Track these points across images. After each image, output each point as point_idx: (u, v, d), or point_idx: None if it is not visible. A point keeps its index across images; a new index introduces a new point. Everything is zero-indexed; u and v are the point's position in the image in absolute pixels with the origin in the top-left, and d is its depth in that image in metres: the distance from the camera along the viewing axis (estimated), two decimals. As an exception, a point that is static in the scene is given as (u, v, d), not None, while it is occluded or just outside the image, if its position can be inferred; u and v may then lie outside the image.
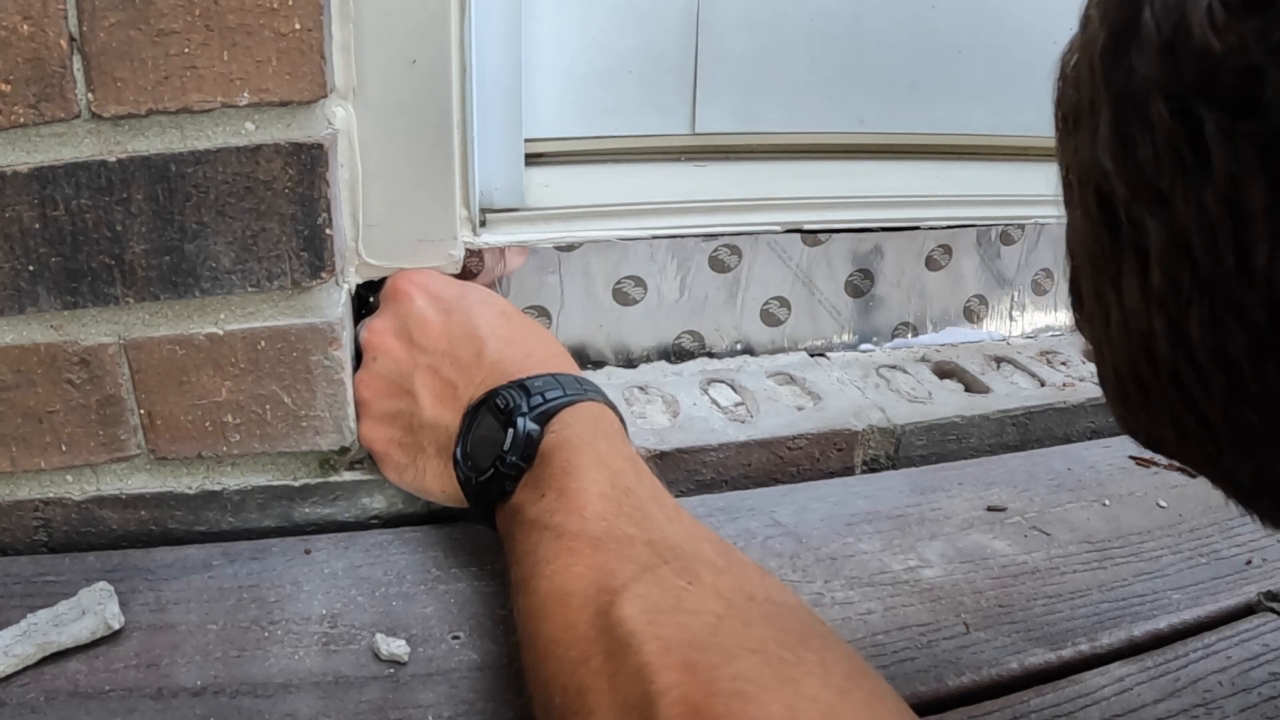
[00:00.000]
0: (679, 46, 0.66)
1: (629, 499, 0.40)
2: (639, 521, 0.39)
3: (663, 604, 0.34)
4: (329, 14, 0.46)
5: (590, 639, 0.34)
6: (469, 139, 0.52)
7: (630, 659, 0.32)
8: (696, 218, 0.61)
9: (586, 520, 0.39)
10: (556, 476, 0.42)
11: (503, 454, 0.44)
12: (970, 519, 0.55)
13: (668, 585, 0.35)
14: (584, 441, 0.43)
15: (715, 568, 0.37)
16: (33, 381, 0.47)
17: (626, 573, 0.36)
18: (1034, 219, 0.69)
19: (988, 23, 0.71)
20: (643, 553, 0.37)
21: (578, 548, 0.38)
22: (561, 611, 0.36)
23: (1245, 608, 0.49)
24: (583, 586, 0.36)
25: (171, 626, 0.44)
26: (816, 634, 0.34)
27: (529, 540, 0.40)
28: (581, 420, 0.44)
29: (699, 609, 0.34)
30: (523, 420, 0.44)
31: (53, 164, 0.43)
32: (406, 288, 0.51)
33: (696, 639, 0.32)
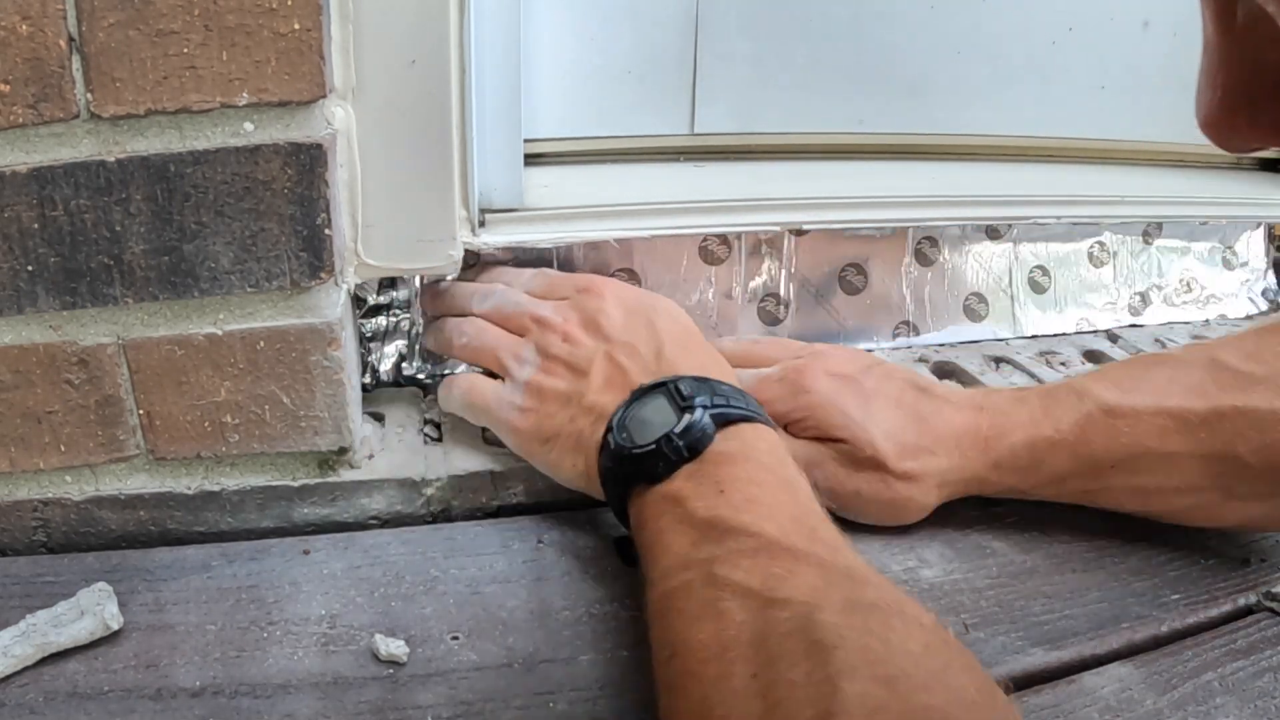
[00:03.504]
0: (678, 47, 0.66)
1: (822, 526, 0.40)
2: (835, 548, 0.39)
3: (869, 624, 0.34)
4: (328, 14, 0.46)
5: (789, 636, 0.33)
6: (468, 139, 0.52)
7: (831, 661, 0.31)
8: (696, 218, 0.61)
9: (785, 532, 0.38)
10: (743, 483, 0.41)
11: (670, 434, 0.43)
12: (969, 518, 0.55)
13: (875, 608, 0.35)
14: (770, 460, 0.43)
15: (915, 605, 0.36)
16: (31, 382, 0.47)
17: (831, 587, 0.36)
18: (1033, 219, 0.69)
19: (987, 23, 0.71)
20: (844, 576, 0.37)
21: (777, 553, 0.37)
22: (757, 605, 0.35)
23: (1244, 608, 0.49)
24: (784, 590, 0.35)
25: (170, 627, 0.44)
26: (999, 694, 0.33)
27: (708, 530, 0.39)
28: (765, 437, 0.44)
29: (905, 635, 0.33)
30: (701, 412, 0.43)
31: (51, 164, 0.43)
32: (597, 285, 0.53)
33: (899, 661, 0.32)
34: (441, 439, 0.57)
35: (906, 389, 0.53)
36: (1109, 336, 0.77)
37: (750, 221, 0.63)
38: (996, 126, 0.75)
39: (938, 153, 0.75)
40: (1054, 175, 0.76)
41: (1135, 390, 0.50)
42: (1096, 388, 0.51)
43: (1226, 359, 0.50)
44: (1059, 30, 0.74)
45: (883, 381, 0.53)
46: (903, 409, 0.52)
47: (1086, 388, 0.51)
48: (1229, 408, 0.48)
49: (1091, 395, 0.51)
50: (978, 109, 0.74)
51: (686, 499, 0.41)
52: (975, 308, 0.75)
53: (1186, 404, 0.49)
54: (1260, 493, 0.49)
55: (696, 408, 0.44)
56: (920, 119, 0.73)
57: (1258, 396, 0.48)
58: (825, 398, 0.51)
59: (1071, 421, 0.50)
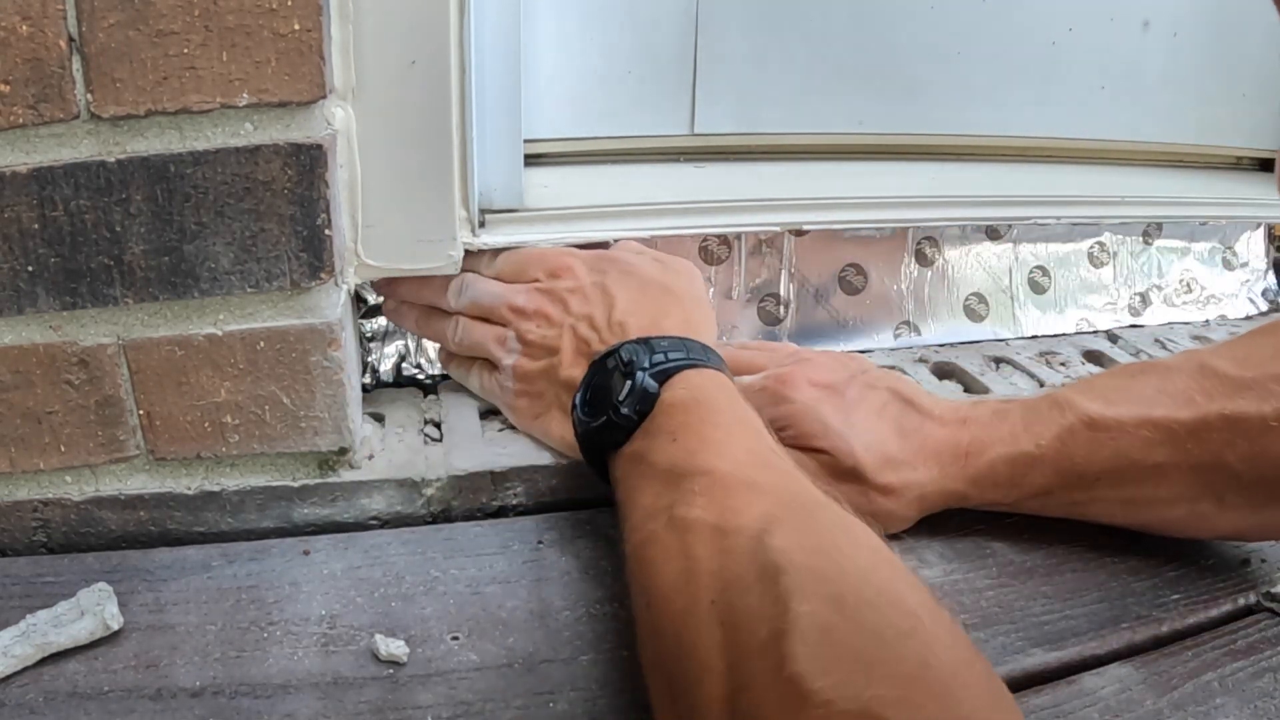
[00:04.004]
0: (678, 47, 0.66)
1: (773, 456, 0.42)
2: (787, 475, 0.41)
3: (820, 544, 0.35)
4: (328, 14, 0.46)
5: (742, 562, 0.35)
6: (468, 139, 0.52)
7: (780, 582, 0.33)
8: (696, 218, 0.61)
9: (738, 465, 0.40)
10: (695, 426, 0.43)
11: (616, 404, 0.46)
12: (969, 519, 0.55)
13: (823, 528, 0.37)
14: (723, 400, 0.45)
15: (861, 526, 0.38)
16: (32, 382, 0.47)
17: (781, 511, 0.37)
18: (1033, 219, 0.69)
19: (987, 23, 0.71)
20: (795, 499, 0.39)
21: (731, 486, 0.39)
22: (713, 537, 0.37)
23: (1244, 608, 0.49)
24: (737, 520, 0.37)
25: (170, 627, 0.44)
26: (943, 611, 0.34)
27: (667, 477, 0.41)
28: (712, 381, 0.46)
29: (852, 556, 0.35)
30: (642, 374, 0.46)
31: (52, 164, 0.43)
32: (564, 265, 0.56)
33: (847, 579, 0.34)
34: (441, 439, 0.57)
35: (890, 401, 0.53)
36: (1109, 337, 0.77)
37: (750, 222, 0.63)
38: (996, 126, 0.75)
39: (938, 153, 0.75)
40: (1054, 175, 0.76)
41: (1120, 401, 0.49)
42: (1079, 399, 0.50)
43: (1216, 364, 0.49)
44: (1059, 30, 0.74)
45: (865, 392, 0.53)
46: (885, 421, 0.52)
47: (1069, 400, 0.50)
48: (1216, 416, 0.47)
49: (1074, 408, 0.50)
50: (978, 109, 0.74)
51: (646, 453, 0.44)
52: (975, 308, 0.75)
53: (1172, 414, 0.48)
54: (1253, 502, 0.47)
55: (636, 372, 0.46)
56: (920, 119, 0.73)
57: (1246, 402, 0.46)
58: (806, 407, 0.51)
59: (1052, 435, 0.50)
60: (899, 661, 0.30)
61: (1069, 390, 0.52)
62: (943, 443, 0.51)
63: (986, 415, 0.52)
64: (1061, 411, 0.50)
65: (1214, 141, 0.82)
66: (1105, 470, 0.49)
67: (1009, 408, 0.52)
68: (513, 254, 0.57)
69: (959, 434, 0.51)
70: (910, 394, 0.53)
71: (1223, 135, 0.82)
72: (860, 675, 0.30)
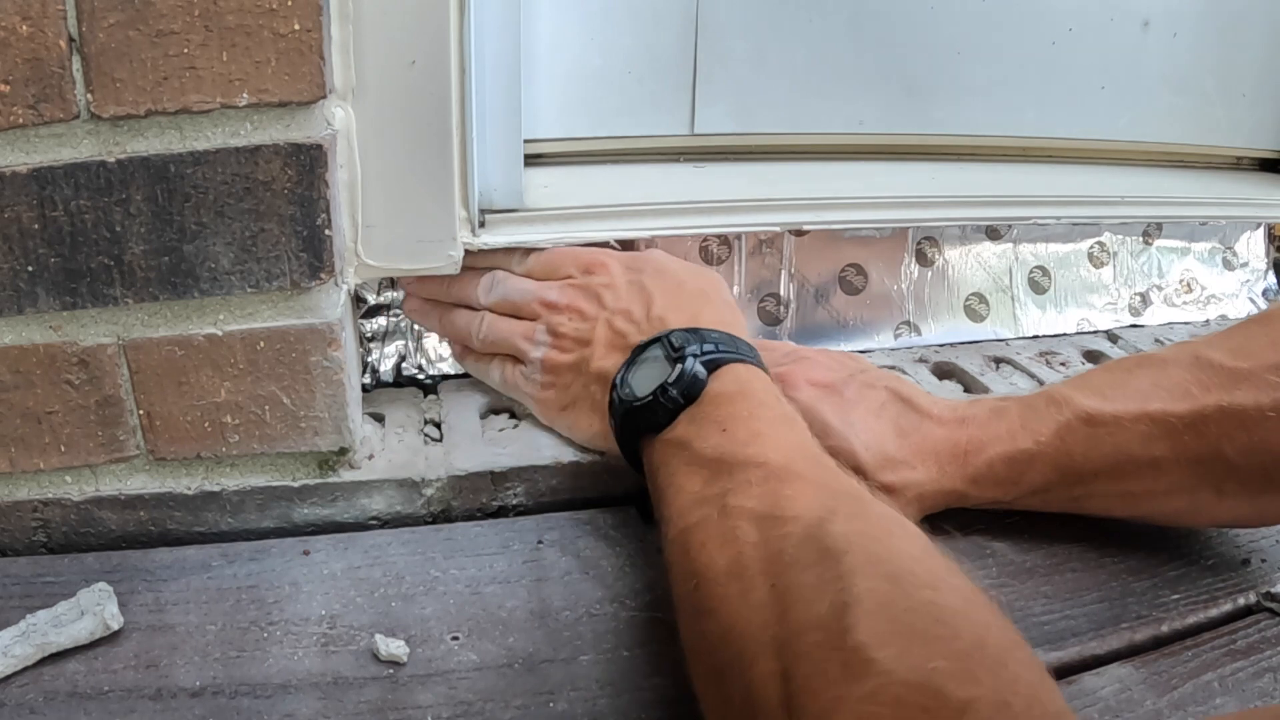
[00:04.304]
0: (678, 47, 0.66)
1: (823, 458, 0.42)
2: (834, 472, 0.41)
3: (873, 531, 0.36)
4: (328, 14, 0.46)
5: (801, 545, 0.36)
6: (468, 140, 0.52)
7: (840, 563, 0.34)
8: (696, 218, 0.61)
9: (791, 459, 0.41)
10: (744, 419, 0.43)
11: (665, 385, 0.45)
12: (969, 519, 0.55)
13: (878, 519, 0.37)
14: (770, 397, 0.45)
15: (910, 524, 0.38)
16: (32, 382, 0.47)
17: (836, 502, 0.38)
18: (1033, 219, 0.69)
19: (987, 23, 0.71)
20: (849, 492, 0.39)
21: (785, 477, 0.40)
22: (772, 524, 0.37)
23: (1244, 608, 0.49)
24: (793, 508, 0.38)
25: (170, 627, 0.44)
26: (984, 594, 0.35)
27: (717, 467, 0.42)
28: (758, 378, 0.46)
29: (905, 545, 0.36)
30: (692, 360, 0.46)
31: (52, 164, 0.43)
32: (599, 262, 0.56)
33: (902, 562, 0.34)
34: (441, 439, 0.57)
35: (889, 400, 0.53)
36: (1109, 337, 0.77)
37: (750, 222, 0.63)
38: (996, 126, 0.75)
39: (938, 153, 0.75)
40: (1054, 175, 0.76)
41: (1116, 396, 0.50)
42: (1076, 396, 0.51)
43: (1211, 356, 0.49)
44: (1059, 30, 0.74)
45: (864, 391, 0.53)
46: (883, 420, 0.52)
47: (1066, 397, 0.51)
48: (1213, 408, 0.47)
49: (1071, 404, 0.50)
50: (978, 109, 0.74)
51: (691, 441, 0.44)
52: (976, 308, 0.75)
53: (1169, 407, 0.48)
54: (1250, 491, 0.48)
55: (687, 356, 0.46)
56: (920, 119, 0.73)
57: (1242, 394, 0.47)
58: (805, 407, 0.51)
59: (1050, 432, 0.50)
60: (955, 638, 0.31)
61: (1065, 387, 0.52)
62: (941, 442, 0.51)
63: (984, 414, 0.52)
64: (1059, 408, 0.50)
65: (1214, 141, 0.82)
66: (1103, 465, 0.49)
67: (1006, 405, 0.52)
68: (545, 252, 0.57)
69: (957, 433, 0.52)
70: (908, 393, 0.54)
71: (1223, 135, 0.82)
72: (920, 648, 0.30)
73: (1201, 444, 0.47)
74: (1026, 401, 0.52)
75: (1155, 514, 0.52)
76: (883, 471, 0.50)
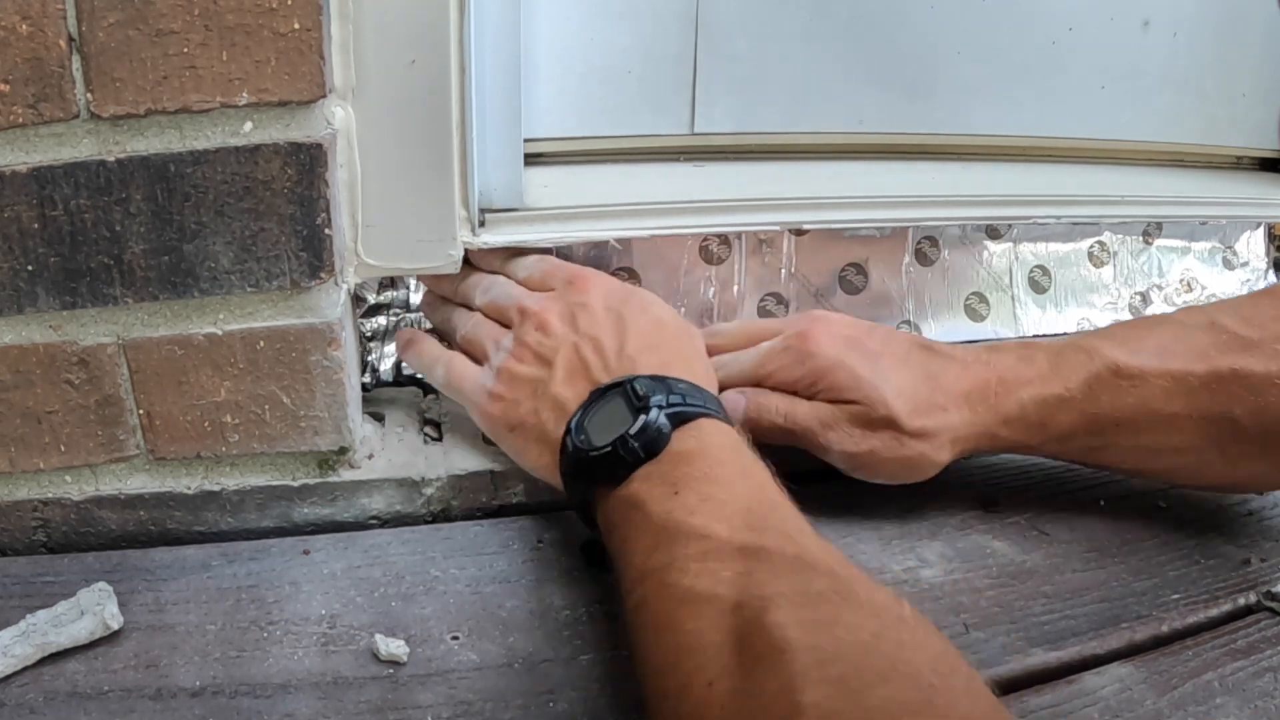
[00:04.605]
0: (678, 46, 0.66)
1: (775, 513, 0.40)
2: (788, 536, 0.38)
3: (818, 617, 0.34)
4: (328, 14, 0.46)
5: (739, 643, 0.34)
6: (468, 139, 0.52)
7: (782, 667, 0.32)
8: (696, 218, 0.61)
9: (735, 529, 0.38)
10: (697, 481, 0.41)
11: (626, 436, 0.43)
12: (969, 519, 0.55)
13: (823, 598, 0.35)
14: (727, 453, 0.43)
15: (866, 586, 0.36)
16: (31, 382, 0.47)
17: (780, 583, 0.35)
18: (1033, 218, 0.69)
19: (988, 23, 0.71)
20: (794, 566, 0.37)
21: (726, 552, 0.37)
22: (709, 611, 0.35)
23: (1244, 608, 0.49)
24: (732, 591, 0.36)
25: (170, 627, 0.44)
26: (960, 664, 0.33)
27: (662, 534, 0.39)
28: (721, 432, 0.44)
29: (854, 625, 0.33)
30: (657, 412, 0.43)
31: (51, 164, 0.43)
32: (584, 279, 0.53)
33: (850, 655, 0.32)
34: (441, 439, 0.57)
35: (912, 348, 0.53)
36: (1109, 336, 0.77)
37: (750, 221, 0.63)
38: (996, 126, 0.75)
39: (938, 153, 0.75)
40: (1054, 175, 0.76)
41: (1142, 351, 0.51)
42: (1105, 347, 0.51)
43: (1225, 322, 0.51)
44: (1059, 30, 0.74)
45: (888, 341, 0.53)
46: (910, 367, 0.52)
47: (1095, 347, 0.52)
48: (1227, 370, 0.49)
49: (1100, 355, 0.51)
50: (978, 109, 0.74)
51: (645, 501, 0.41)
52: (976, 307, 0.75)
53: (1188, 366, 0.50)
54: (1252, 454, 0.50)
55: (652, 408, 0.44)
56: (920, 119, 0.73)
57: (1253, 360, 0.49)
58: (833, 360, 0.51)
59: (1080, 380, 0.51)
60: None
61: (1091, 338, 0.53)
62: (971, 383, 0.52)
63: (1010, 359, 0.53)
64: (1089, 357, 0.51)
65: (1214, 141, 0.82)
66: (1125, 417, 0.50)
67: (1033, 353, 0.53)
68: (542, 262, 0.56)
69: (985, 374, 0.52)
70: (928, 341, 0.54)
71: (1223, 135, 0.82)
72: None
73: (1214, 404, 0.49)
74: (1054, 349, 0.53)
75: (1163, 470, 0.53)
76: (916, 417, 0.50)
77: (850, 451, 0.51)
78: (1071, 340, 0.53)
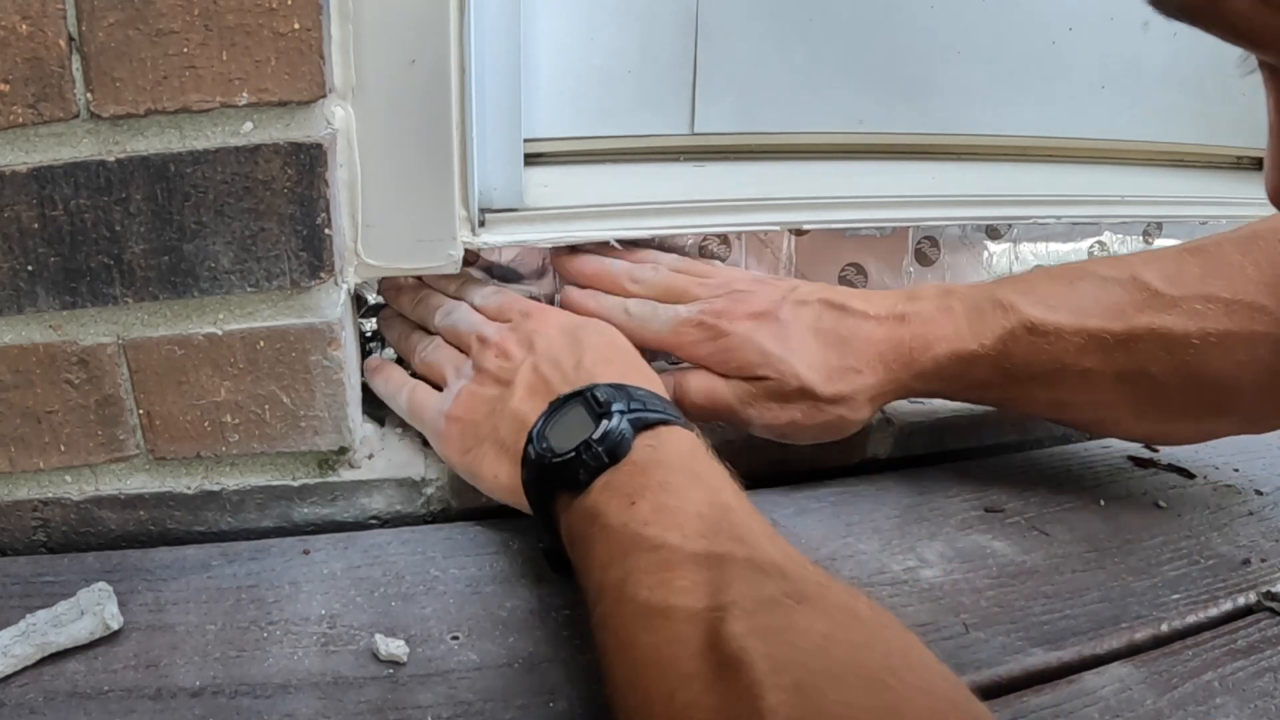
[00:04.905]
0: (678, 47, 0.66)
1: (727, 517, 0.40)
2: (740, 539, 0.39)
3: (772, 623, 0.34)
4: (328, 14, 0.46)
5: (696, 654, 0.34)
6: (468, 139, 0.52)
7: (740, 677, 0.32)
8: (696, 218, 0.61)
9: (687, 537, 0.38)
10: (653, 490, 0.41)
11: (589, 441, 0.43)
12: (969, 519, 0.55)
13: (776, 603, 0.35)
14: (683, 461, 0.43)
15: (820, 585, 0.36)
16: (31, 382, 0.47)
17: (733, 590, 0.36)
18: (1033, 218, 0.69)
19: (987, 23, 0.71)
20: (747, 571, 0.37)
21: (679, 562, 0.37)
22: (665, 625, 0.35)
23: (1244, 608, 0.49)
24: (688, 602, 0.36)
25: (170, 627, 0.44)
26: (920, 658, 0.33)
27: (617, 547, 0.40)
28: (680, 440, 0.44)
29: (808, 628, 0.34)
30: (619, 418, 0.44)
31: (51, 164, 0.43)
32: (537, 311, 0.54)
33: (806, 659, 0.32)
34: (441, 439, 0.57)
35: (824, 312, 0.54)
36: (1109, 336, 0.77)
37: (750, 221, 0.63)
38: (996, 126, 0.75)
39: (938, 153, 0.75)
40: (1054, 175, 0.76)
41: (1060, 307, 0.52)
42: (1022, 304, 0.52)
43: (1147, 278, 0.51)
44: (1059, 30, 0.74)
45: (798, 310, 0.54)
46: (821, 335, 0.53)
47: (1012, 303, 0.53)
48: (1144, 329, 0.50)
49: (1017, 311, 0.52)
50: (978, 109, 0.74)
51: (603, 511, 0.41)
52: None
53: (1105, 324, 0.51)
54: (1168, 411, 0.52)
55: (614, 414, 0.44)
56: (920, 119, 0.73)
57: (1171, 319, 0.50)
58: (743, 339, 0.53)
59: (995, 336, 0.52)
60: None
61: (1010, 291, 0.54)
62: (884, 342, 0.53)
63: (929, 310, 0.54)
64: (1005, 314, 0.52)
65: (1214, 141, 0.82)
66: (1039, 371, 0.52)
67: (950, 303, 0.54)
68: (503, 293, 0.57)
69: (899, 331, 0.53)
70: (842, 299, 0.55)
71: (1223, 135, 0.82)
72: None
73: (1130, 361, 0.50)
74: (972, 302, 0.54)
75: (1078, 422, 0.57)
76: (830, 384, 0.52)
77: (771, 424, 0.54)
78: (989, 293, 0.54)
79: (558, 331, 0.52)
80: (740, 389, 0.54)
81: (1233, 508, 0.58)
